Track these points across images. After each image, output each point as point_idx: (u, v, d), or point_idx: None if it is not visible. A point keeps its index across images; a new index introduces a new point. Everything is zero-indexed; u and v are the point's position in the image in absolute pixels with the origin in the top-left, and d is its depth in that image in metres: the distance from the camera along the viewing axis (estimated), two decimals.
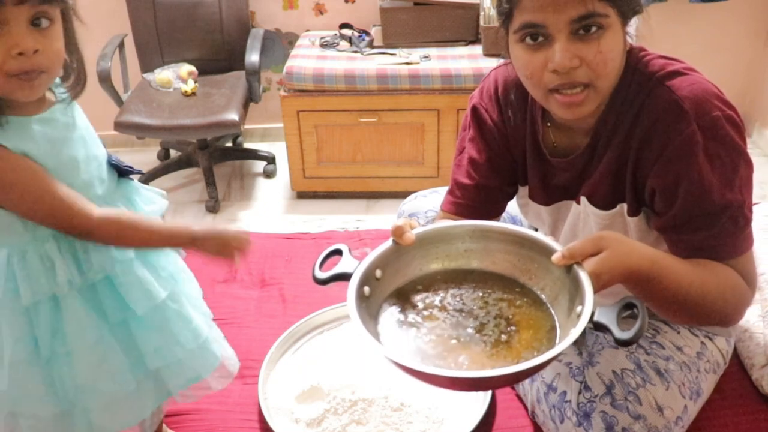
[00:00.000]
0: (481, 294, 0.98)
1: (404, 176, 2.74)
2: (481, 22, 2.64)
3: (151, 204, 1.21)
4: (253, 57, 2.69)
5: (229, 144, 3.19)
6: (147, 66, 2.90)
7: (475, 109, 1.27)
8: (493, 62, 2.56)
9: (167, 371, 1.21)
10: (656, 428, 1.16)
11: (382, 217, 2.62)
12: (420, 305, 0.97)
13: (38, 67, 0.95)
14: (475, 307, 0.96)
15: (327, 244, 2.17)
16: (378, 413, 1.47)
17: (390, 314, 0.96)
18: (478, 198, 1.28)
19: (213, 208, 2.78)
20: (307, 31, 3.02)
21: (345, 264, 0.98)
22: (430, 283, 1.01)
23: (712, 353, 1.30)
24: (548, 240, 0.97)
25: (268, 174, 3.02)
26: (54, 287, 1.04)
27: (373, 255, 0.97)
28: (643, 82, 1.07)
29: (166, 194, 1.24)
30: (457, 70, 2.53)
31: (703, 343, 1.29)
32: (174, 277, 1.22)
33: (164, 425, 1.46)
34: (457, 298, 0.98)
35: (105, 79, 2.58)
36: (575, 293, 0.90)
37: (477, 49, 2.68)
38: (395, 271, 0.99)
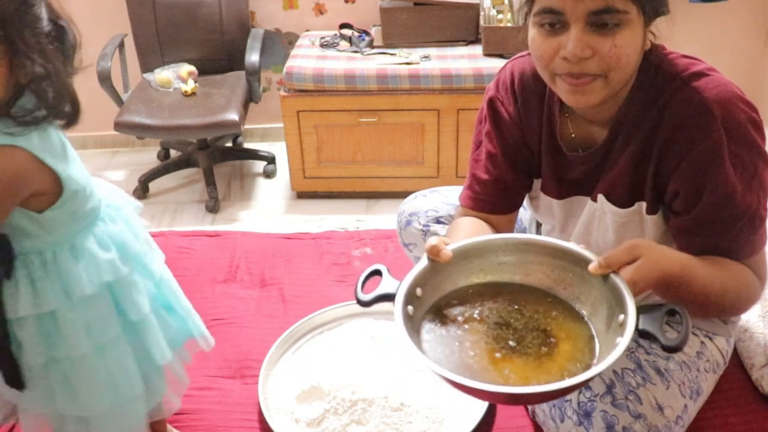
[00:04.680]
0: (516, 306, 1.00)
1: (404, 176, 2.74)
2: (481, 22, 2.63)
3: None
4: (253, 57, 2.69)
5: (229, 144, 3.18)
6: (147, 66, 2.90)
7: (491, 102, 1.27)
8: (494, 62, 2.56)
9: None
10: (656, 427, 1.16)
11: (382, 217, 2.62)
12: (460, 319, 0.98)
13: None
14: (512, 320, 0.98)
15: (327, 244, 2.18)
16: (378, 413, 1.47)
17: (431, 330, 0.97)
18: (496, 193, 1.28)
19: (213, 208, 2.78)
20: (307, 31, 3.02)
21: (386, 285, 0.99)
22: (465, 297, 1.02)
23: (711, 353, 1.30)
24: (582, 250, 0.98)
25: (268, 174, 3.02)
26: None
27: (412, 274, 0.98)
28: (667, 80, 1.07)
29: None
30: (457, 70, 2.53)
31: (702, 342, 1.29)
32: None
33: (168, 425, 1.46)
34: (494, 311, 0.99)
35: (105, 79, 2.58)
36: (614, 302, 0.91)
37: (477, 49, 2.68)
38: (433, 288, 1.01)
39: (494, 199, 1.29)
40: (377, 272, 1.03)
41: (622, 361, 1.22)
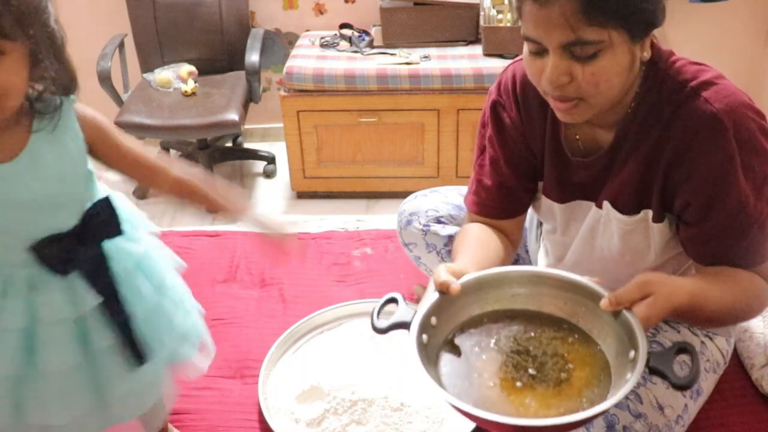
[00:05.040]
0: (533, 334, 1.01)
1: (404, 176, 2.74)
2: (481, 22, 2.63)
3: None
4: (253, 57, 2.69)
5: (229, 144, 3.18)
6: (147, 66, 2.90)
7: (493, 107, 1.26)
8: (494, 62, 2.56)
9: None
10: (657, 427, 1.16)
11: (382, 217, 2.62)
12: (477, 350, 0.99)
13: None
14: (530, 347, 0.99)
15: (327, 244, 2.18)
16: (378, 413, 1.48)
17: (450, 361, 0.98)
18: (501, 198, 1.28)
19: None
20: (307, 31, 3.02)
21: (402, 312, 1.01)
22: (481, 325, 1.03)
23: (712, 353, 1.30)
24: (595, 285, 0.99)
25: (268, 174, 3.02)
26: None
27: (427, 304, 1.00)
28: (675, 89, 1.06)
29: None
30: (457, 70, 2.53)
31: (703, 342, 1.29)
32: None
33: (169, 424, 1.46)
34: (511, 340, 1.00)
35: (105, 79, 2.58)
36: (625, 337, 0.92)
37: (477, 49, 2.68)
38: (448, 318, 1.02)
39: (500, 205, 1.29)
40: (393, 300, 1.04)
41: None
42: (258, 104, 2.91)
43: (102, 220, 1.07)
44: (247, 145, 3.23)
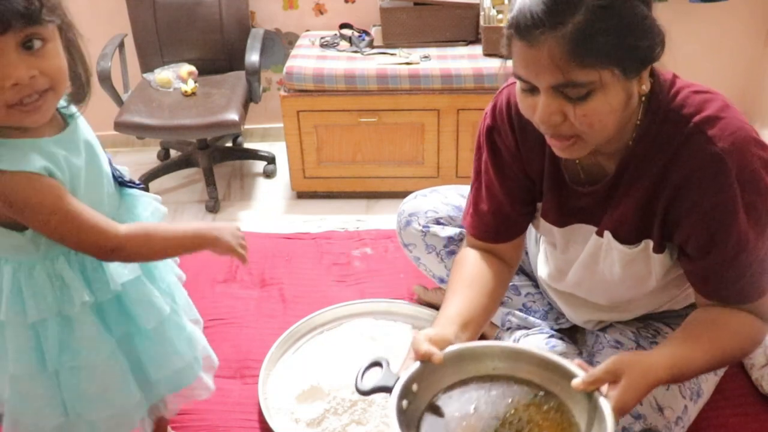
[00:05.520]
0: (510, 400, 1.03)
1: (404, 176, 2.74)
2: (481, 22, 2.63)
3: (151, 211, 1.20)
4: (253, 57, 2.69)
5: (229, 144, 3.18)
6: (147, 66, 2.90)
7: (489, 132, 1.24)
8: (494, 62, 2.56)
9: (165, 380, 1.23)
10: (656, 428, 1.16)
11: (382, 217, 2.62)
12: (457, 415, 1.01)
13: (38, 89, 0.93)
14: (507, 414, 1.01)
15: (327, 244, 2.18)
16: (378, 413, 1.48)
17: (431, 426, 1.00)
18: (497, 223, 1.28)
19: (213, 208, 2.77)
20: (307, 31, 3.02)
21: (385, 377, 1.03)
22: (462, 389, 1.05)
23: None
24: (572, 366, 1.00)
25: (268, 174, 3.02)
26: (62, 305, 1.05)
27: (410, 371, 1.02)
28: (679, 124, 1.04)
29: (161, 199, 1.25)
30: (457, 70, 2.53)
31: None
32: (171, 288, 1.23)
33: (168, 427, 1.46)
34: (489, 406, 1.02)
35: (105, 79, 2.58)
36: (595, 419, 0.94)
37: (477, 49, 2.68)
38: (428, 385, 1.04)
39: (496, 230, 1.28)
40: (377, 364, 1.06)
41: None
42: (258, 104, 2.91)
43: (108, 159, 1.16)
44: (247, 145, 3.23)
